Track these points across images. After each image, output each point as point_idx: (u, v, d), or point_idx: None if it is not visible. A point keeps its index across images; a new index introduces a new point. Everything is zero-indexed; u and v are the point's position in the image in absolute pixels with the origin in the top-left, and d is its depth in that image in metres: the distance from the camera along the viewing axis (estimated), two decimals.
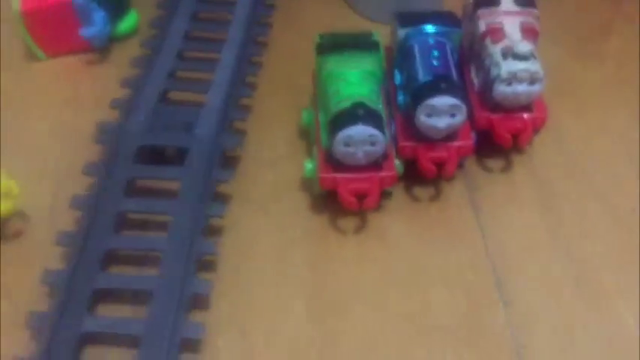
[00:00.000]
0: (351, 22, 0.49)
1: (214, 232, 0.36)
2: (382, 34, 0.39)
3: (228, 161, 0.39)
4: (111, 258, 0.35)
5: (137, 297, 0.33)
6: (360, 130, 0.33)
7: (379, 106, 0.35)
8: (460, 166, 0.38)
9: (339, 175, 0.35)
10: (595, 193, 0.39)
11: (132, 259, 0.35)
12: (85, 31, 0.43)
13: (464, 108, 0.34)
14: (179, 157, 0.38)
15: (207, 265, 0.35)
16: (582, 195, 0.39)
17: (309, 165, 0.37)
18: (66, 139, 0.41)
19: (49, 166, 0.39)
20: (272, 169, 0.40)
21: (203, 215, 0.35)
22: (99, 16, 0.43)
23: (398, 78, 0.38)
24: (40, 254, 0.35)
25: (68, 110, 0.42)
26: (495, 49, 0.36)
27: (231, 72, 0.42)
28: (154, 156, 0.39)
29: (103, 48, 0.45)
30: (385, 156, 0.35)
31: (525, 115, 0.37)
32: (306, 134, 0.40)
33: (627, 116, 0.43)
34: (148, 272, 0.34)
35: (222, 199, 0.38)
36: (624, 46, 0.48)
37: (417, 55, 0.36)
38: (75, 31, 0.43)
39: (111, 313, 0.33)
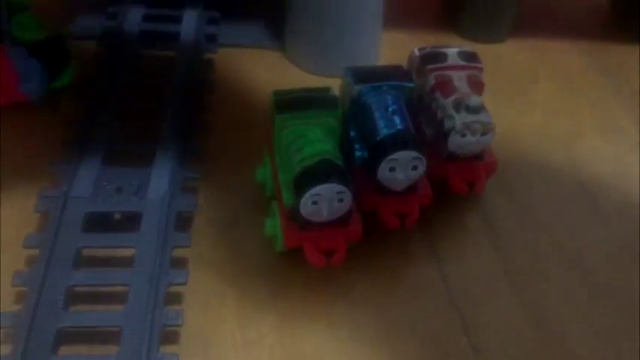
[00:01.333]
0: (292, 77, 0.49)
1: (174, 299, 0.34)
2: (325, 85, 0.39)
3: (182, 222, 0.38)
4: (62, 337, 0.32)
5: None
6: (328, 188, 0.33)
7: (342, 162, 0.35)
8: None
9: (305, 233, 0.35)
10: (542, 230, 0.41)
11: (85, 336, 0.32)
12: (24, 87, 0.41)
13: (424, 160, 0.35)
14: (130, 222, 0.36)
15: (170, 336, 0.33)
16: (532, 237, 0.40)
17: (269, 222, 0.36)
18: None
19: None
20: (228, 227, 0.38)
21: (162, 284, 0.34)
22: (37, 70, 0.41)
23: (352, 133, 0.39)
24: None
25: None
26: (447, 102, 0.38)
27: (176, 134, 0.41)
28: (103, 222, 0.37)
29: (40, 103, 0.43)
30: (349, 211, 0.35)
31: (479, 164, 0.38)
32: (261, 190, 0.40)
33: (563, 158, 0.45)
34: (106, 350, 0.32)
35: (180, 263, 0.36)
36: (551, 92, 0.51)
37: (374, 110, 0.36)
38: (13, 86, 0.41)
39: None
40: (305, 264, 0.36)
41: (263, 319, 0.35)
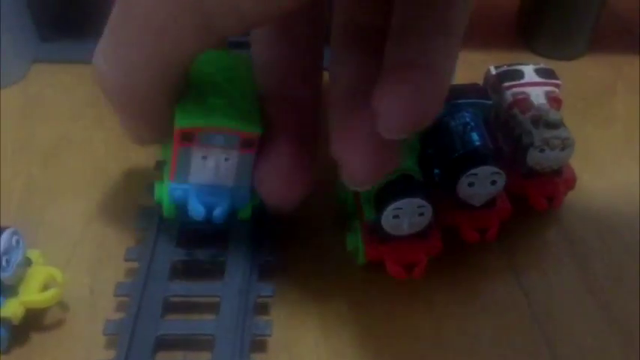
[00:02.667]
0: None
1: (262, 310, 0.36)
2: None
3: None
4: (160, 343, 0.34)
5: None
6: (409, 202, 0.34)
7: (421, 177, 0.36)
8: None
9: (385, 247, 0.36)
10: (625, 249, 0.40)
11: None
12: None
13: (503, 175, 0.36)
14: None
15: (258, 345, 0.35)
16: (614, 252, 0.40)
17: (350, 237, 0.37)
18: None
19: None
20: (311, 243, 0.40)
21: (252, 295, 0.35)
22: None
23: (429, 150, 0.40)
24: (84, 344, 0.34)
25: None
26: (525, 118, 0.38)
27: None
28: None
29: None
30: (429, 225, 0.36)
31: (557, 179, 0.39)
32: (341, 210, 0.41)
33: None
34: (199, 357, 0.34)
35: (266, 276, 0.38)
36: (628, 106, 0.51)
37: (452, 127, 0.37)
38: None
39: None
40: (386, 277, 0.37)
41: (346, 330, 0.36)
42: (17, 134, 0.46)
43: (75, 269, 0.38)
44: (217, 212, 0.35)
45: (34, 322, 0.35)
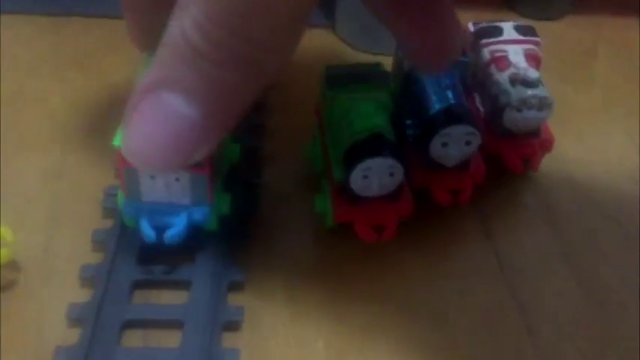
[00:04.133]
0: (342, 54, 0.49)
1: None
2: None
3: None
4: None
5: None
6: (379, 162, 0.32)
7: (393, 136, 0.34)
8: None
9: (355, 209, 0.35)
10: (601, 212, 0.39)
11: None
12: None
13: (478, 135, 0.34)
14: None
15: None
16: (590, 217, 0.39)
17: (319, 199, 0.36)
18: None
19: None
20: (279, 204, 0.39)
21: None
22: None
23: (404, 109, 0.38)
24: (37, 305, 0.33)
25: None
26: (502, 77, 0.37)
27: None
28: None
29: None
30: (400, 186, 0.35)
31: (534, 140, 0.37)
32: (310, 168, 0.40)
33: (624, 136, 0.44)
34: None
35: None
36: (610, 68, 0.49)
37: (427, 84, 0.36)
38: None
39: None
40: (356, 240, 0.35)
41: (312, 293, 0.35)
42: None
43: (29, 228, 0.36)
44: (170, 233, 0.32)
45: None
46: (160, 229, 0.33)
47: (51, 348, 0.31)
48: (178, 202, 0.33)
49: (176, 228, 0.33)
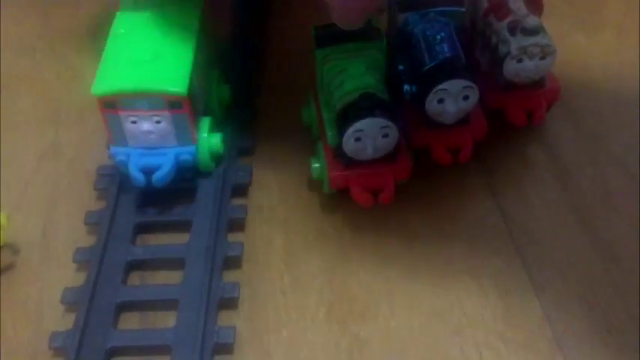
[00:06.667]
0: None
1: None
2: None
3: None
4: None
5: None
6: (371, 123, 0.31)
7: (387, 95, 0.33)
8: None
9: (350, 172, 0.33)
10: (613, 162, 0.37)
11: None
12: None
13: (476, 89, 0.33)
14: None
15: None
16: (600, 167, 0.37)
17: (315, 164, 0.35)
18: None
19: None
20: (277, 171, 0.38)
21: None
22: None
23: (399, 66, 0.36)
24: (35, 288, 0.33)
25: None
26: (502, 26, 0.35)
27: None
28: None
29: None
30: (397, 147, 0.34)
31: (539, 91, 0.35)
32: (307, 133, 0.38)
33: (636, 84, 0.41)
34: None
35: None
36: (622, 13, 0.47)
37: (421, 38, 0.34)
38: None
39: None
40: (355, 204, 0.34)
41: (311, 261, 0.34)
42: None
43: (27, 210, 0.36)
44: (158, 175, 0.33)
45: None
46: (149, 174, 0.33)
47: (49, 331, 0.31)
48: (165, 145, 0.34)
49: (163, 169, 0.33)
